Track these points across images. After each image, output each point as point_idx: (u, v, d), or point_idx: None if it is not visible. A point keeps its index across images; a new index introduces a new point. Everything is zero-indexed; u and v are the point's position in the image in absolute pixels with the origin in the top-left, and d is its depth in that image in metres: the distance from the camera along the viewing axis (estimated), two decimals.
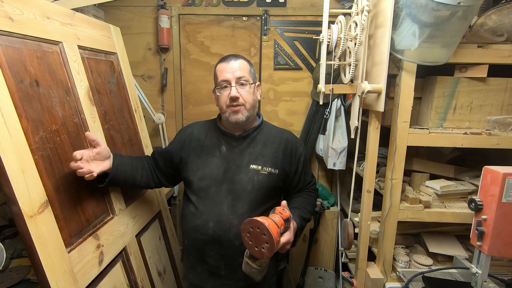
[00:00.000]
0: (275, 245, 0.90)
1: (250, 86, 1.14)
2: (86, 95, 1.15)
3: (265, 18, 1.98)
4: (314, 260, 2.06)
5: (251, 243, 0.94)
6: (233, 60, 1.13)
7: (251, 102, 1.14)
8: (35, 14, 0.98)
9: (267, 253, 0.91)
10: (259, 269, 1.00)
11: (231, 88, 1.11)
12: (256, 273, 1.01)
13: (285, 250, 1.03)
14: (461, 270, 1.25)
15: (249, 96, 1.14)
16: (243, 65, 1.14)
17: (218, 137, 1.20)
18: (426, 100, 1.37)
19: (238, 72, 1.11)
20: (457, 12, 1.03)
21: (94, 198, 1.11)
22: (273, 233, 0.89)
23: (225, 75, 1.12)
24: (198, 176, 1.16)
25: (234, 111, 1.12)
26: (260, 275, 1.02)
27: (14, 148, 0.80)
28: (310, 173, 1.31)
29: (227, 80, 1.12)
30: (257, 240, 0.92)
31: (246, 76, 1.13)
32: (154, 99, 2.09)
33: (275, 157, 1.17)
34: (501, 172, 1.02)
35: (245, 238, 0.95)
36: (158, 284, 1.47)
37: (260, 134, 1.21)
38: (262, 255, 0.93)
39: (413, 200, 1.34)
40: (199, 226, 1.12)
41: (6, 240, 1.35)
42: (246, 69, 1.14)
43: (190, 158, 1.20)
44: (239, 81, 1.12)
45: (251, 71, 1.17)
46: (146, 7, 2.00)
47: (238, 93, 1.11)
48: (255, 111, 1.19)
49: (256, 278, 1.02)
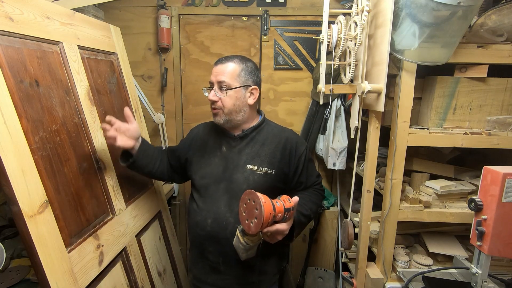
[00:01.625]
0: (262, 223, 0.88)
1: (232, 91, 1.12)
2: (86, 95, 1.15)
3: (265, 18, 1.98)
4: (314, 260, 2.06)
5: (244, 215, 0.95)
6: (220, 64, 1.15)
7: (230, 107, 1.13)
8: (35, 14, 0.98)
9: (253, 228, 0.90)
10: (245, 246, 0.99)
11: (211, 91, 1.15)
12: (242, 249, 1.00)
13: (275, 240, 1.02)
14: (461, 270, 1.25)
15: (229, 101, 1.13)
16: (230, 68, 1.13)
17: (219, 137, 1.24)
18: (426, 100, 1.37)
19: (220, 77, 1.13)
20: (457, 12, 1.03)
21: (94, 198, 1.11)
22: (264, 211, 0.88)
23: (211, 77, 1.17)
24: (199, 175, 1.21)
25: (214, 114, 1.18)
26: (245, 253, 1.02)
27: (14, 148, 0.80)
28: (314, 173, 1.28)
29: (211, 82, 1.16)
30: (249, 213, 0.92)
31: (227, 81, 1.12)
32: (154, 99, 2.09)
33: (273, 157, 1.17)
34: (501, 172, 1.02)
35: (241, 208, 0.96)
36: (158, 284, 1.47)
37: (260, 133, 1.21)
38: (248, 229, 0.92)
39: (413, 200, 1.33)
40: (199, 222, 1.17)
41: (6, 240, 1.35)
42: (231, 73, 1.12)
43: (195, 157, 1.25)
44: (219, 85, 1.14)
45: (241, 75, 1.14)
46: (146, 7, 2.00)
47: (216, 96, 1.14)
48: (240, 115, 1.16)
49: (241, 255, 1.02)
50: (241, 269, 1.16)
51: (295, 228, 1.07)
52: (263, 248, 1.16)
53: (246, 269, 1.17)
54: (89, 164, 1.11)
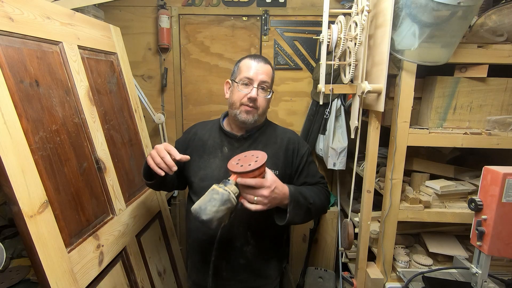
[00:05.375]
0: (264, 162, 0.88)
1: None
2: (86, 95, 1.15)
3: (265, 18, 1.98)
4: (314, 260, 2.06)
5: (236, 164, 0.91)
6: (263, 62, 1.13)
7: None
8: (35, 14, 0.98)
9: (253, 165, 0.87)
10: (224, 193, 0.84)
11: (253, 89, 1.10)
12: (216, 200, 0.83)
13: (256, 201, 0.91)
14: (461, 270, 1.25)
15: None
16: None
17: (220, 137, 1.19)
18: (426, 100, 1.37)
19: (264, 76, 1.11)
20: (457, 12, 1.03)
21: (94, 198, 1.11)
22: (265, 156, 0.90)
23: (251, 73, 1.10)
24: (199, 177, 1.15)
25: (246, 111, 1.11)
26: (217, 206, 0.83)
27: (14, 148, 0.80)
28: (317, 174, 1.24)
29: (251, 79, 1.10)
30: (245, 161, 0.90)
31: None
32: (154, 99, 2.09)
33: (276, 158, 1.15)
34: (501, 172, 1.02)
35: (231, 162, 0.93)
36: (158, 284, 1.47)
37: (263, 134, 1.19)
38: (244, 168, 0.87)
39: (413, 200, 1.33)
40: (201, 227, 1.10)
41: (6, 240, 1.35)
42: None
43: (193, 158, 1.18)
44: (261, 84, 1.11)
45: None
46: (146, 7, 2.00)
47: (257, 95, 1.11)
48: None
49: (209, 209, 0.83)
50: (245, 273, 1.14)
51: (290, 202, 0.98)
52: (263, 250, 1.15)
53: (250, 274, 1.15)
54: (89, 164, 1.11)
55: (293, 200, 0.99)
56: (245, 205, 0.92)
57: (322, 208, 1.18)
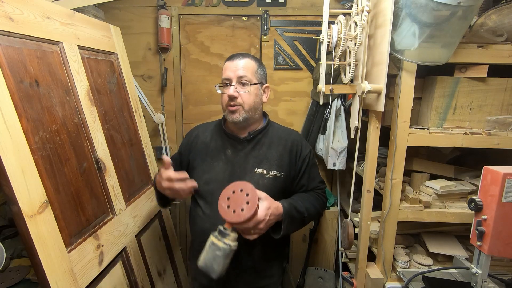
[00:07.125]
0: (256, 205, 0.86)
1: (253, 86, 1.11)
2: (86, 95, 1.15)
3: (265, 18, 1.98)
4: (314, 260, 2.06)
5: (228, 209, 0.90)
6: (238, 59, 1.11)
7: (250, 104, 1.11)
8: (35, 14, 0.98)
9: (246, 212, 0.87)
10: (226, 249, 0.88)
11: (230, 87, 1.09)
12: (220, 257, 0.88)
13: (254, 233, 0.96)
14: (461, 270, 1.25)
15: (249, 97, 1.10)
16: (248, 64, 1.12)
17: (223, 140, 1.18)
18: (426, 100, 1.37)
19: (240, 71, 1.09)
20: (457, 12, 1.03)
21: (94, 198, 1.11)
22: (255, 193, 0.88)
23: (227, 73, 1.11)
24: (203, 180, 1.14)
25: (231, 111, 1.10)
26: (223, 261, 0.89)
27: (14, 148, 0.80)
28: (317, 178, 1.23)
29: (228, 79, 1.10)
30: (237, 202, 0.89)
31: (248, 76, 1.10)
32: (154, 99, 2.09)
33: (281, 160, 1.14)
34: (501, 172, 1.02)
35: (222, 205, 0.92)
36: (158, 284, 1.47)
37: (266, 136, 1.18)
38: (239, 217, 0.88)
39: (413, 200, 1.33)
40: (209, 230, 1.08)
41: (6, 240, 1.35)
42: (250, 69, 1.11)
43: (196, 162, 1.19)
44: (240, 80, 1.09)
45: (258, 72, 1.14)
46: (146, 7, 2.00)
47: (236, 92, 1.09)
48: (257, 113, 1.16)
49: (216, 268, 0.89)
50: (251, 275, 1.14)
51: (284, 220, 1.02)
52: (267, 251, 1.15)
53: (255, 275, 1.15)
54: (89, 164, 1.11)
55: (288, 217, 1.03)
56: (245, 237, 0.98)
57: (317, 215, 1.22)
